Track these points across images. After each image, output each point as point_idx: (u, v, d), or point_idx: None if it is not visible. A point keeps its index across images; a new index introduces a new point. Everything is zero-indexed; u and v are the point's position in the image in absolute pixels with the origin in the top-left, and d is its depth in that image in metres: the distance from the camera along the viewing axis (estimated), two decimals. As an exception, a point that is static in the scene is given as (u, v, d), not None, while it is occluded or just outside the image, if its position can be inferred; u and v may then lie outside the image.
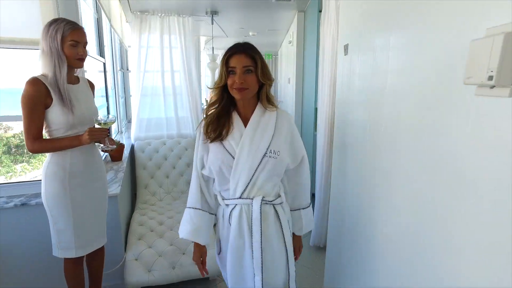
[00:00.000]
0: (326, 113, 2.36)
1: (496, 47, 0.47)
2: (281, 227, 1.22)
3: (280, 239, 1.22)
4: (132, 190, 3.06)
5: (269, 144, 1.16)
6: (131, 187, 3.04)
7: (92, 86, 1.67)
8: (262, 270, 1.16)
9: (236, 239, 1.19)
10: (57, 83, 1.38)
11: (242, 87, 1.11)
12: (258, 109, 1.20)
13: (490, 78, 0.49)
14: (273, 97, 1.23)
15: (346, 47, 1.45)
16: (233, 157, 1.16)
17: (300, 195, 1.32)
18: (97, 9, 2.74)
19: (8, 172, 5.69)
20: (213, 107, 1.21)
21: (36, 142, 1.39)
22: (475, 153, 0.59)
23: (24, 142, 1.44)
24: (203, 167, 1.25)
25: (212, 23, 3.69)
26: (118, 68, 3.69)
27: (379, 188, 1.11)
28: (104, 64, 2.88)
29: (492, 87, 0.51)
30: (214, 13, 3.53)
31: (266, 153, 1.15)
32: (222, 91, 1.18)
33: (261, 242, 1.16)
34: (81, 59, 1.44)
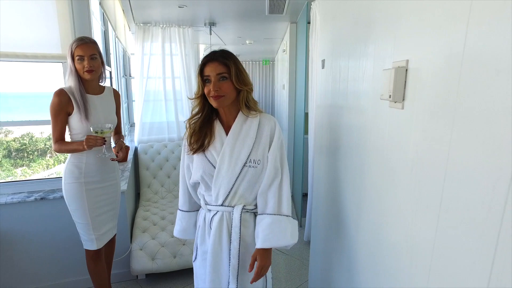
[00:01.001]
0: (315, 118, 2.59)
1: (391, 76, 0.71)
2: None
3: None
4: (136, 189, 3.29)
5: (249, 154, 1.15)
6: (135, 186, 3.27)
7: (117, 95, 1.84)
8: (237, 279, 1.17)
9: (215, 244, 1.19)
10: (73, 94, 1.61)
11: (217, 94, 1.11)
12: (240, 116, 1.19)
13: (390, 96, 0.72)
14: (255, 103, 1.21)
15: (323, 62, 1.69)
16: (214, 166, 1.16)
17: (263, 196, 1.18)
18: (104, 22, 2.99)
19: (8, 176, 5.81)
20: (196, 117, 1.22)
21: (57, 144, 1.64)
22: (394, 150, 0.82)
23: (25, 146, 1.69)
24: (190, 175, 1.25)
25: (210, 34, 3.93)
26: (122, 75, 3.93)
27: (345, 185, 1.24)
28: (110, 72, 3.12)
29: (396, 102, 0.74)
30: (212, 24, 3.77)
31: (246, 163, 1.15)
32: (204, 100, 1.19)
33: (239, 250, 1.16)
34: (89, 71, 1.59)
